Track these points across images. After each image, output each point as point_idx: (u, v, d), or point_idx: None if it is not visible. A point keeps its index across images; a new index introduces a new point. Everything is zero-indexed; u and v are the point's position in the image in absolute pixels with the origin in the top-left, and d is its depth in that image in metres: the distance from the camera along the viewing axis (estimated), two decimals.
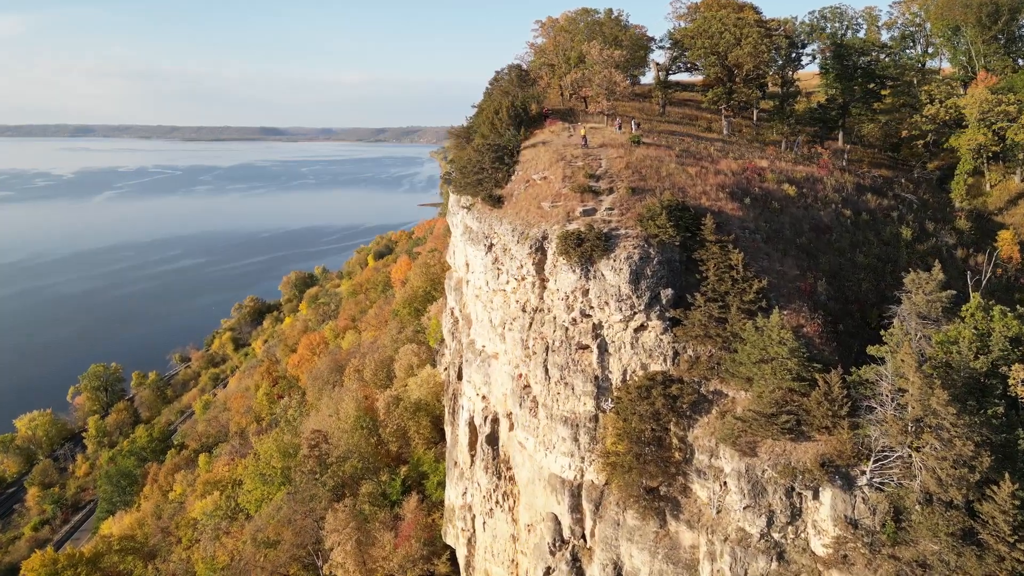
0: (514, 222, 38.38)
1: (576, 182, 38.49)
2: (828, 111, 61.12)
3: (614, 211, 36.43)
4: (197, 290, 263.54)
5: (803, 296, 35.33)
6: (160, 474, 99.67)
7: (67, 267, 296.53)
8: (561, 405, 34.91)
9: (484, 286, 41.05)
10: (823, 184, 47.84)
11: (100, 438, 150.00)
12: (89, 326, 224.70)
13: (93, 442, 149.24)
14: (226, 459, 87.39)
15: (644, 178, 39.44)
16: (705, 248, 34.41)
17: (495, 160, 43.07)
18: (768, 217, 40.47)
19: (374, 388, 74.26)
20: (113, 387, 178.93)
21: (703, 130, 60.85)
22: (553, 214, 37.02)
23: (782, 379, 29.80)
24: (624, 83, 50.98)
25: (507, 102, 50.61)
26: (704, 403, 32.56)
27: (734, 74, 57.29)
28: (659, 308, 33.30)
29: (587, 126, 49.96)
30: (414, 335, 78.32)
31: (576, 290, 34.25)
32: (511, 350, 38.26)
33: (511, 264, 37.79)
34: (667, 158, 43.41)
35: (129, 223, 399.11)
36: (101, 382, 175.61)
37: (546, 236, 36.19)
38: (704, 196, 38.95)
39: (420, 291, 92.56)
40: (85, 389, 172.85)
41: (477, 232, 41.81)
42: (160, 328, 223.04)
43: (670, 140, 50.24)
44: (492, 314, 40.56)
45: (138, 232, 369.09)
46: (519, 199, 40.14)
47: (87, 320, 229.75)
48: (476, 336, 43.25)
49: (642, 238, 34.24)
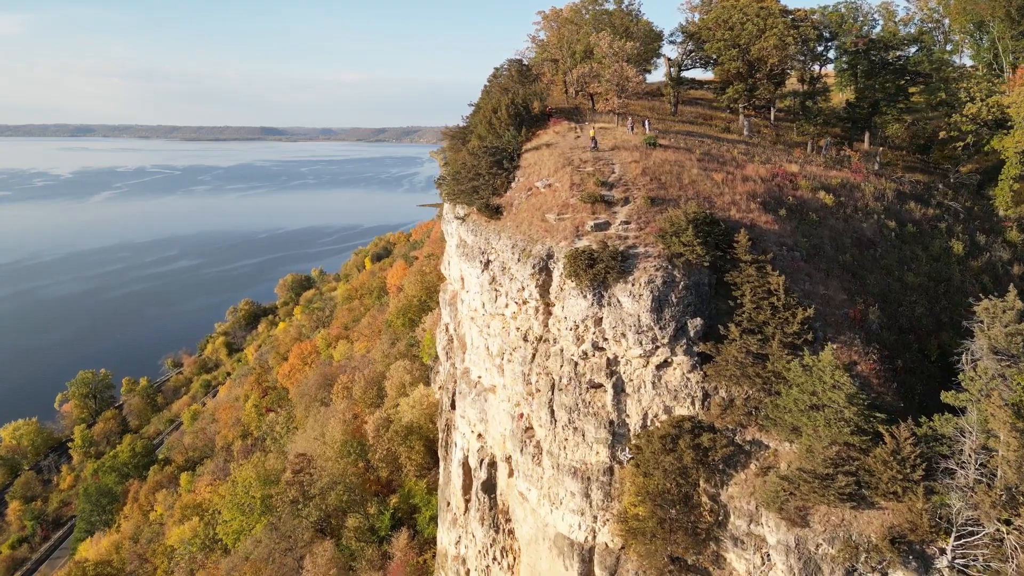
0: (514, 237, 33.23)
1: (586, 191, 33.33)
2: (858, 110, 55.85)
3: (631, 225, 31.27)
4: (193, 292, 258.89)
5: (853, 325, 30.16)
6: (141, 492, 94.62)
7: (61, 268, 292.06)
8: (570, 453, 29.74)
9: (480, 308, 35.90)
10: (861, 192, 42.63)
11: (86, 448, 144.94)
12: (81, 329, 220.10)
13: (79, 452, 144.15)
14: (208, 479, 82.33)
15: (664, 186, 34.27)
16: (739, 269, 29.24)
17: (493, 164, 37.90)
18: (806, 231, 35.28)
19: (363, 407, 69.15)
20: (102, 394, 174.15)
21: (720, 131, 55.65)
22: (559, 228, 31.86)
23: (838, 432, 24.61)
24: (637, 78, 45.78)
25: (506, 99, 45.43)
26: (740, 456, 27.40)
27: (756, 69, 52.10)
28: (686, 341, 28.13)
29: (596, 126, 44.82)
30: (407, 349, 73.21)
31: (587, 319, 29.09)
32: (511, 385, 33.11)
33: (511, 286, 32.64)
34: (688, 162, 38.25)
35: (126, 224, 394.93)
36: (90, 389, 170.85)
37: (551, 254, 31.04)
38: (734, 207, 33.78)
39: (415, 300, 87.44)
40: (73, 396, 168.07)
41: (472, 247, 36.65)
42: (154, 331, 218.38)
43: (688, 142, 45.05)
44: (489, 341, 35.41)
45: (134, 233, 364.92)
46: (520, 210, 34.98)
47: (80, 323, 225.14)
48: (471, 364, 38.09)
49: (665, 258, 29.07)
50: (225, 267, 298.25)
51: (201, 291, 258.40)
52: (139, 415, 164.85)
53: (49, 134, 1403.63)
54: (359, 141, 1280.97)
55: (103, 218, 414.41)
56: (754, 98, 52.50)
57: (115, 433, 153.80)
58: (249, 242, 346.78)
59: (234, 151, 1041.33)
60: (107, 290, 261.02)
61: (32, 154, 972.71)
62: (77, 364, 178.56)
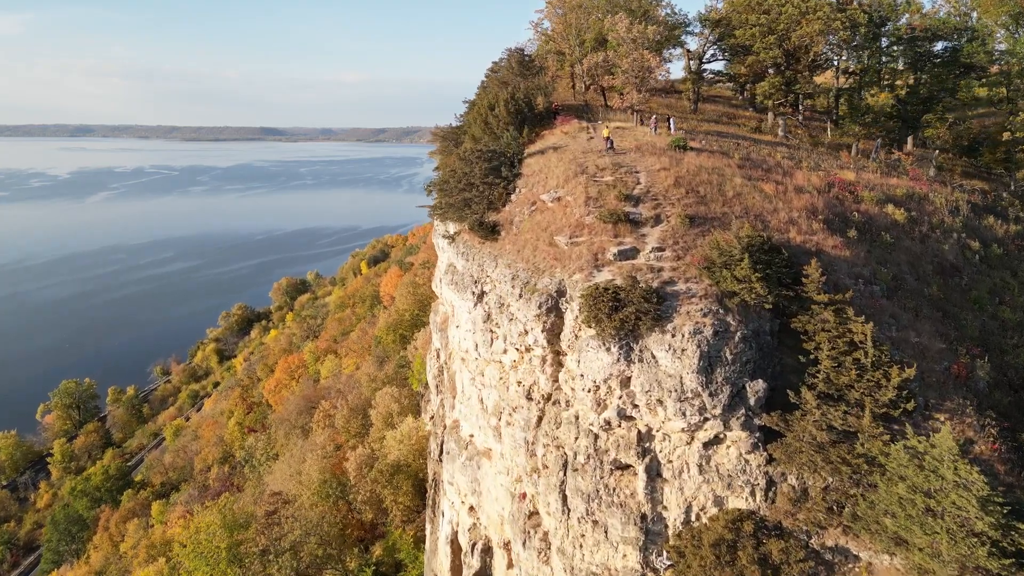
0: (515, 265, 26.20)
1: (606, 207, 26.27)
2: (909, 107, 48.70)
3: (665, 252, 24.21)
4: (187, 296, 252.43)
5: (958, 385, 23.06)
6: (112, 521, 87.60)
7: (53, 271, 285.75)
8: (588, 555, 22.68)
9: (472, 350, 28.85)
10: (932, 204, 35.53)
11: (66, 464, 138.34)
12: (70, 335, 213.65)
13: (58, 468, 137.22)
14: (181, 510, 75.36)
15: (704, 200, 27.20)
16: (810, 313, 22.20)
17: (489, 172, 30.83)
18: (881, 256, 28.20)
19: (347, 437, 62.11)
20: (86, 404, 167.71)
21: (750, 131, 48.61)
22: (573, 256, 24.81)
23: (968, 550, 17.58)
24: (661, 68, 38.65)
25: (505, 94, 38.36)
26: (820, 569, 20.32)
27: (794, 59, 45.02)
28: (744, 412, 21.08)
29: (612, 125, 37.77)
30: (396, 373, 66.19)
31: (611, 378, 22.05)
32: (510, 455, 26.06)
33: (510, 327, 25.60)
34: (728, 170, 31.19)
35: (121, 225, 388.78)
36: (73, 399, 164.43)
37: (563, 291, 24.00)
38: (792, 227, 26.70)
39: (407, 314, 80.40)
40: (56, 407, 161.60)
41: (463, 274, 29.61)
42: (145, 337, 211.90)
43: (722, 144, 38.00)
44: (484, 393, 28.36)
45: (130, 234, 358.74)
46: (522, 230, 27.92)
47: (68, 328, 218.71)
48: (462, 418, 31.02)
49: (714, 298, 22.02)
50: (221, 269, 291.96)
51: (196, 295, 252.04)
52: (123, 427, 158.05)
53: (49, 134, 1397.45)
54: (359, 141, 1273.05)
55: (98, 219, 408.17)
56: (791, 93, 45.34)
57: (97, 447, 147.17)
58: (246, 244, 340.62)
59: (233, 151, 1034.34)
60: (99, 293, 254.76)
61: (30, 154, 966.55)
62: (64, 372, 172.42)
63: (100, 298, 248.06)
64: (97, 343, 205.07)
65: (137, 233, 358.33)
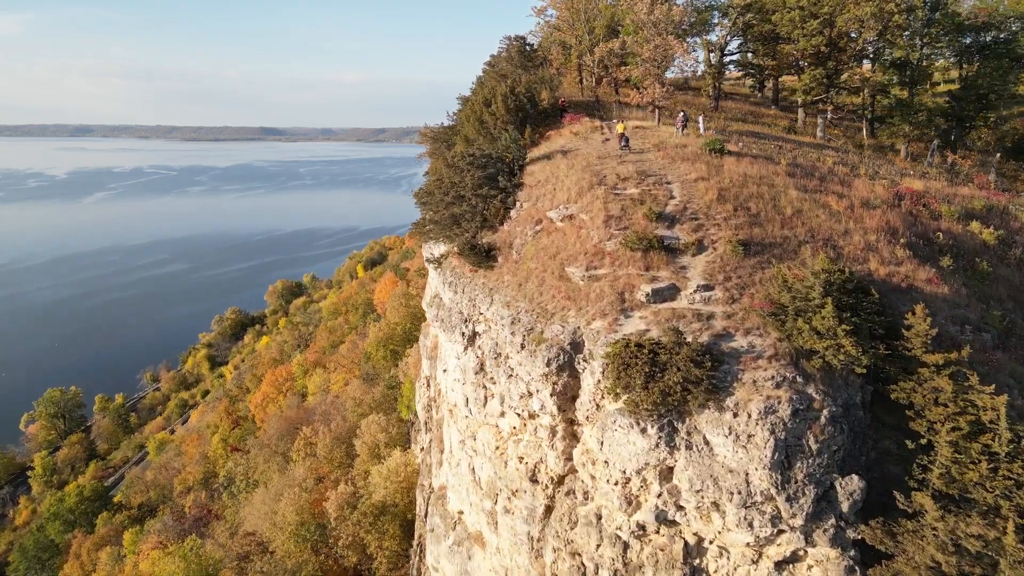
0: (516, 303, 20.27)
1: (633, 228, 20.33)
2: (964, 104, 42.71)
3: (714, 292, 18.25)
4: (181, 298, 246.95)
5: None
6: (84, 548, 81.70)
7: (45, 273, 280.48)
8: None
9: (462, 405, 22.91)
10: (1015, 218, 29.57)
11: (47, 478, 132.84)
12: (60, 339, 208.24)
13: (39, 482, 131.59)
14: (154, 540, 69.47)
15: (757, 220, 21.24)
16: (916, 379, 16.28)
17: (483, 181, 24.87)
18: (979, 290, 22.24)
19: (329, 469, 56.17)
20: (72, 413, 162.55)
21: (783, 131, 42.70)
22: (591, 295, 18.87)
23: None
24: (689, 56, 32.67)
25: (504, 88, 32.42)
26: None
27: (837, 50, 39.05)
28: (834, 521, 15.14)
29: (631, 124, 31.85)
30: (384, 396, 60.32)
31: (648, 468, 16.11)
32: (508, 551, 20.12)
33: (510, 386, 19.67)
34: (778, 179, 25.23)
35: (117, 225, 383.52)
36: (58, 408, 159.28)
37: (579, 343, 18.07)
38: (872, 255, 20.73)
39: (398, 328, 74.49)
40: (40, 416, 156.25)
41: (450, 309, 23.68)
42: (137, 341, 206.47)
43: (761, 146, 32.07)
44: (475, 461, 22.42)
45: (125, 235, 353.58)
46: (525, 256, 21.99)
47: (59, 332, 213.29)
48: (450, 488, 25.03)
49: (787, 360, 16.07)
50: (217, 271, 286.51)
51: (190, 297, 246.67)
52: (109, 438, 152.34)
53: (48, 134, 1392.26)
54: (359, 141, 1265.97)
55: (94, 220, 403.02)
56: (833, 87, 39.34)
57: (80, 460, 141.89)
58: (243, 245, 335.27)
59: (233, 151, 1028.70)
60: (91, 296, 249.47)
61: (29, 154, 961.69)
62: (51, 378, 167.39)
63: (92, 301, 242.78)
64: (87, 348, 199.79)
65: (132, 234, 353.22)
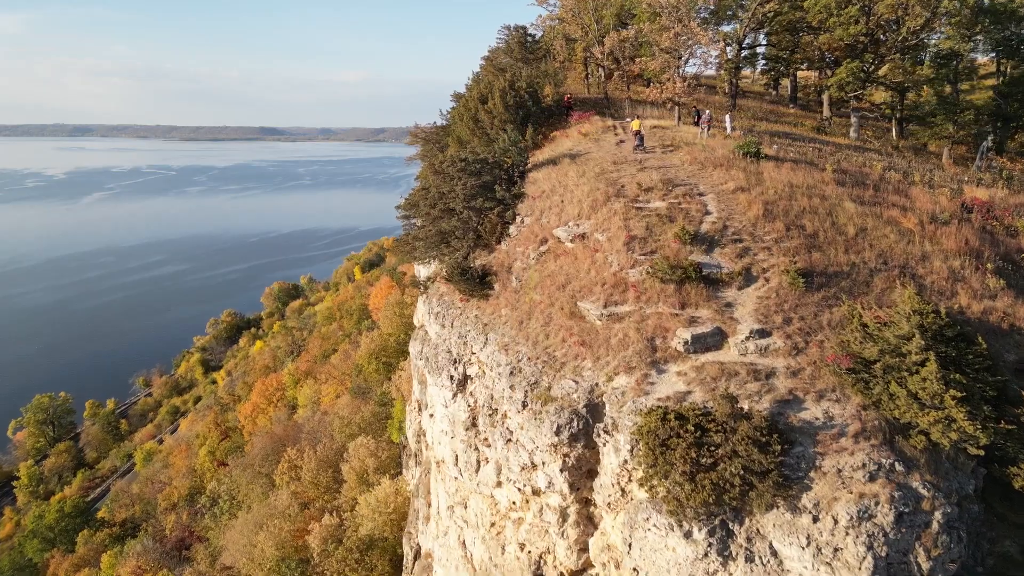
0: (516, 346, 16.15)
1: (662, 252, 16.20)
2: (1012, 102, 38.57)
3: (772, 339, 14.12)
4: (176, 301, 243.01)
5: None
6: (63, 569, 77.67)
7: (39, 275, 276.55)
8: None
9: (451, 463, 18.81)
10: None
11: (33, 488, 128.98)
12: (52, 343, 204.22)
13: (24, 492, 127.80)
14: (133, 564, 65.45)
15: (816, 242, 17.09)
16: None
17: (477, 191, 20.73)
18: None
19: (315, 495, 52.10)
20: (61, 420, 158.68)
21: (812, 131, 38.60)
22: (612, 339, 14.74)
23: None
24: (715, 46, 28.48)
25: (502, 82, 28.29)
26: None
27: (877, 40, 34.92)
28: None
29: (647, 123, 27.74)
30: (375, 415, 56.29)
31: None
32: None
33: (508, 452, 15.55)
34: (828, 189, 21.09)
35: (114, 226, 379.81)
36: (47, 415, 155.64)
37: (598, 406, 13.94)
38: (960, 285, 16.60)
39: (391, 339, 70.44)
40: (28, 423, 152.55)
41: (436, 345, 19.58)
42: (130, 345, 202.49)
43: (797, 149, 27.94)
44: (465, 534, 18.31)
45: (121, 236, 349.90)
46: (527, 285, 17.86)
47: (50, 336, 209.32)
48: (436, 560, 20.88)
49: (880, 437, 11.95)
50: (213, 272, 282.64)
51: (185, 299, 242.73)
52: (98, 446, 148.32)
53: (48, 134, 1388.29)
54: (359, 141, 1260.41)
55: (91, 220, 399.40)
56: (875, 80, 35.19)
57: (68, 469, 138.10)
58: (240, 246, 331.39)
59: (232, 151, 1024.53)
60: (84, 299, 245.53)
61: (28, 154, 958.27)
62: (42, 383, 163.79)
63: (85, 303, 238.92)
64: (80, 352, 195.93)
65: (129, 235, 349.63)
